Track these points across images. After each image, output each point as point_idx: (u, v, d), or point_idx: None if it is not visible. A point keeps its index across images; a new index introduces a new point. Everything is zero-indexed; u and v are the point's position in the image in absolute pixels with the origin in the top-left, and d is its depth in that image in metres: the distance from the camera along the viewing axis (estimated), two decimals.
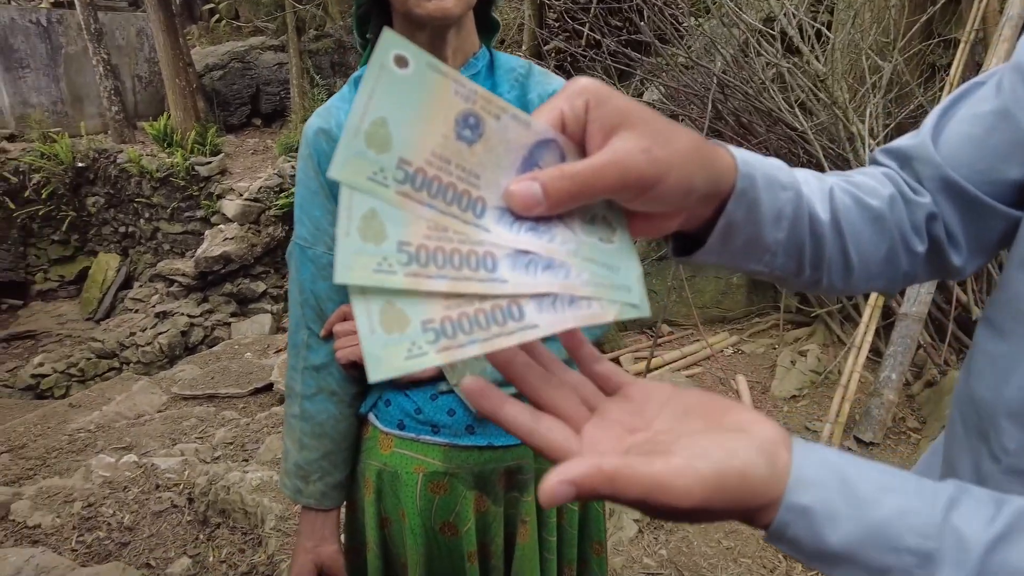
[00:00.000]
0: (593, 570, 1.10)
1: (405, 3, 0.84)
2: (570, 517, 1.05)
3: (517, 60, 0.99)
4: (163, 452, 3.53)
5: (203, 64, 10.13)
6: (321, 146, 0.93)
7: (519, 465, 0.99)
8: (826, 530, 0.37)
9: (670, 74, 3.75)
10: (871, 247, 0.59)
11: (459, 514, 0.97)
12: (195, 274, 7.68)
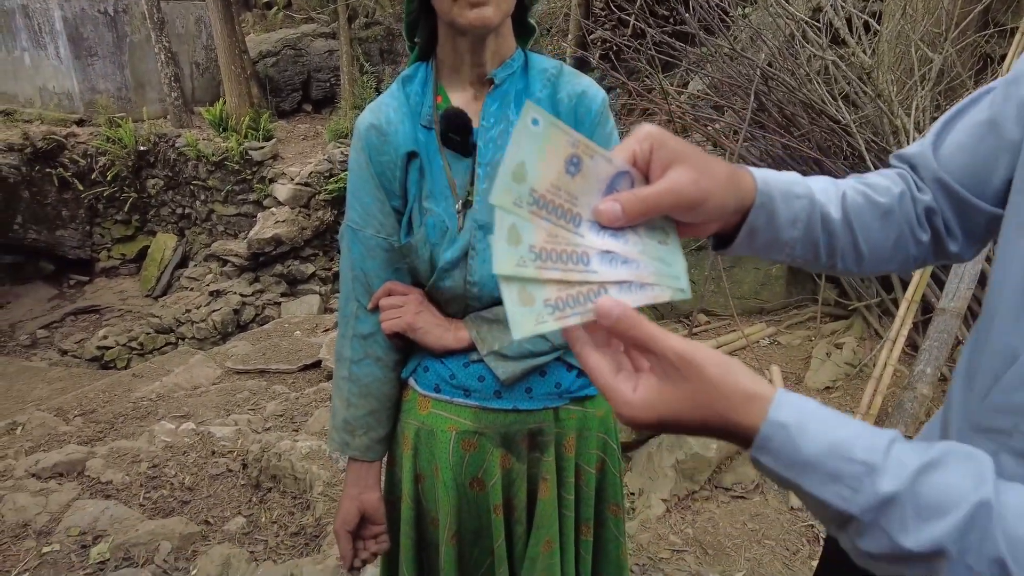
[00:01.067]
0: (611, 529, 1.20)
1: (449, 13, 0.93)
2: (587, 478, 1.14)
3: (550, 61, 1.08)
4: (218, 422, 3.75)
5: (257, 51, 10.45)
6: (372, 140, 1.03)
7: (540, 428, 1.09)
8: (800, 442, 0.46)
9: (715, 65, 3.76)
10: (880, 237, 0.72)
11: (486, 470, 1.07)
12: (248, 255, 7.99)
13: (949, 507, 0.43)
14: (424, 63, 1.07)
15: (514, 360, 1.04)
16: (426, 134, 1.03)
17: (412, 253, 1.04)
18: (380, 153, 1.03)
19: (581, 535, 1.15)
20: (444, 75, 1.05)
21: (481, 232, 1.01)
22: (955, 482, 0.44)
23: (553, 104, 1.03)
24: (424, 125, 1.03)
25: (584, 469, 1.13)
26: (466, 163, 1.02)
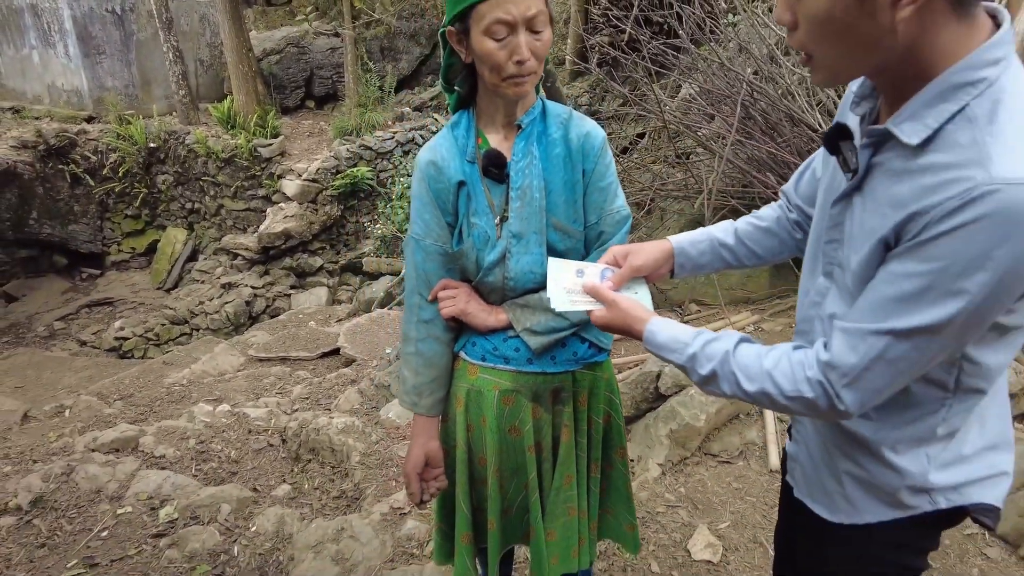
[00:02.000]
0: (619, 468, 1.55)
1: (497, 86, 1.26)
2: (596, 427, 1.49)
3: (562, 108, 1.42)
4: (250, 404, 4.08)
5: (260, 49, 10.68)
6: (431, 173, 1.36)
7: (562, 386, 1.44)
8: (659, 338, 1.04)
9: (705, 73, 4.09)
10: (767, 243, 1.24)
11: (521, 419, 1.41)
12: (258, 248, 8.29)
13: (715, 355, 0.98)
14: (465, 111, 1.40)
15: (542, 335, 1.38)
16: (470, 167, 1.36)
17: (462, 257, 1.38)
18: (437, 182, 1.36)
19: (591, 472, 1.50)
20: (482, 121, 1.39)
21: (515, 240, 1.35)
22: (719, 346, 0.99)
23: (566, 141, 1.37)
24: (469, 160, 1.37)
25: (594, 420, 1.48)
26: (502, 188, 1.36)
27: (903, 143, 0.80)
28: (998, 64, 0.75)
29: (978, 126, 0.74)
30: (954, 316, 0.76)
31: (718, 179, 3.50)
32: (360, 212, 8.98)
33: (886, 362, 0.82)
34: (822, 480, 1.05)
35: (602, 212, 1.39)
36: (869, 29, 0.76)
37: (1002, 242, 0.71)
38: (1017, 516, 2.27)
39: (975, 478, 0.95)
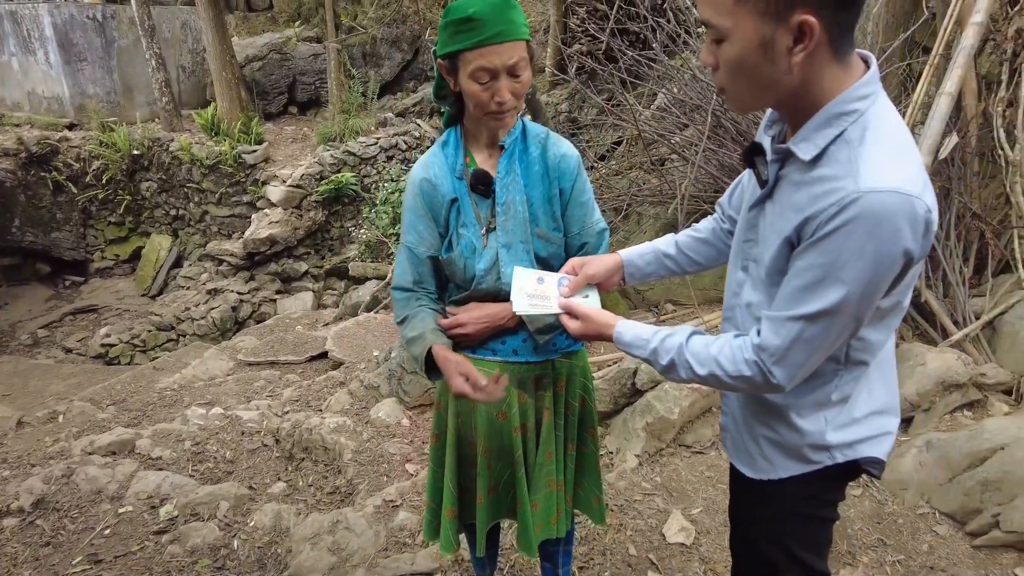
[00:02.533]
0: (590, 446, 1.72)
1: (482, 118, 1.43)
2: (572, 410, 1.66)
3: (539, 128, 1.59)
4: (242, 407, 4.19)
5: (243, 55, 10.74)
6: (426, 188, 1.52)
7: (543, 373, 1.60)
8: (625, 337, 1.23)
9: (678, 83, 4.27)
10: (705, 251, 1.43)
11: (508, 404, 1.57)
12: (243, 254, 8.36)
13: (671, 348, 1.15)
14: (453, 128, 1.57)
15: (546, 333, 1.56)
16: (459, 183, 1.53)
17: (451, 264, 1.54)
18: (431, 198, 1.52)
19: (568, 450, 1.66)
20: (469, 141, 1.56)
21: (505, 249, 1.51)
22: (674, 340, 1.16)
23: (544, 159, 1.55)
24: (458, 177, 1.53)
25: (571, 403, 1.66)
26: (487, 202, 1.53)
27: (800, 159, 1.01)
28: (867, 99, 0.96)
29: (852, 147, 0.95)
30: (846, 298, 0.96)
31: (691, 185, 3.68)
32: (345, 217, 9.08)
33: (803, 341, 1.01)
34: (745, 443, 1.25)
35: (583, 225, 1.58)
36: (771, 71, 0.96)
37: (870, 237, 0.91)
38: (963, 495, 2.46)
39: (865, 437, 1.15)
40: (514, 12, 1.36)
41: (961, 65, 3.19)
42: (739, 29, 0.95)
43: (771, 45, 0.94)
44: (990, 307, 3.21)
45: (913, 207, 0.90)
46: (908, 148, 0.96)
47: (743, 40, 0.95)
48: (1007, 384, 2.90)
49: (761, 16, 0.92)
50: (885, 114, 0.97)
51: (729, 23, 0.95)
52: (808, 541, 1.24)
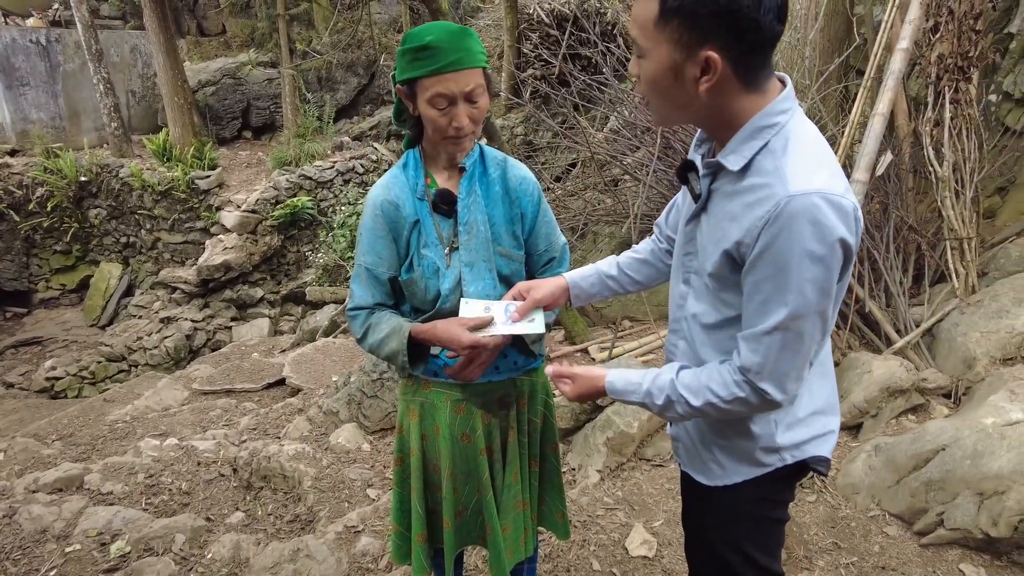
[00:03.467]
0: (552, 462, 1.74)
1: (440, 142, 1.47)
2: (534, 427, 1.68)
3: (498, 153, 1.63)
4: (197, 437, 4.08)
5: (196, 80, 10.61)
6: (387, 209, 1.52)
7: (507, 392, 1.62)
8: (617, 386, 1.26)
9: (629, 107, 4.40)
10: (645, 271, 1.47)
11: (472, 426, 1.58)
12: (197, 281, 8.18)
13: (664, 386, 1.18)
14: (413, 151, 1.58)
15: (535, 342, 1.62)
16: (420, 203, 1.54)
17: (412, 285, 1.54)
18: (393, 220, 1.53)
19: (531, 467, 1.68)
20: (429, 162, 1.58)
21: (468, 268, 1.53)
22: (665, 377, 1.19)
23: (504, 181, 1.58)
24: (419, 198, 1.54)
25: (532, 420, 1.67)
26: (450, 222, 1.54)
27: (730, 170, 1.08)
28: (786, 113, 1.06)
29: (777, 156, 1.03)
30: (805, 299, 1.02)
31: (643, 204, 3.78)
32: (301, 242, 8.98)
33: (781, 351, 1.06)
34: (698, 452, 1.29)
35: (551, 241, 1.65)
36: (681, 94, 1.05)
37: (809, 237, 0.98)
38: (910, 496, 2.56)
39: (811, 436, 1.21)
40: (470, 40, 1.40)
41: (891, 88, 3.37)
42: (656, 51, 1.03)
43: (681, 72, 1.02)
44: (928, 315, 3.36)
45: (841, 203, 0.98)
46: (827, 156, 1.05)
47: (658, 62, 1.04)
48: (946, 388, 3.04)
49: (675, 44, 1.01)
50: (803, 126, 1.06)
51: (648, 44, 1.04)
52: (762, 542, 1.29)
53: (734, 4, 0.95)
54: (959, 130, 3.43)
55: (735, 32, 0.97)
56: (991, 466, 2.39)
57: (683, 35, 0.99)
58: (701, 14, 0.97)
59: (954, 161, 3.49)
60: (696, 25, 0.98)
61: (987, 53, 3.48)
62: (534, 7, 7.05)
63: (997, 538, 2.32)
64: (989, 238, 3.98)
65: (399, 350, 1.48)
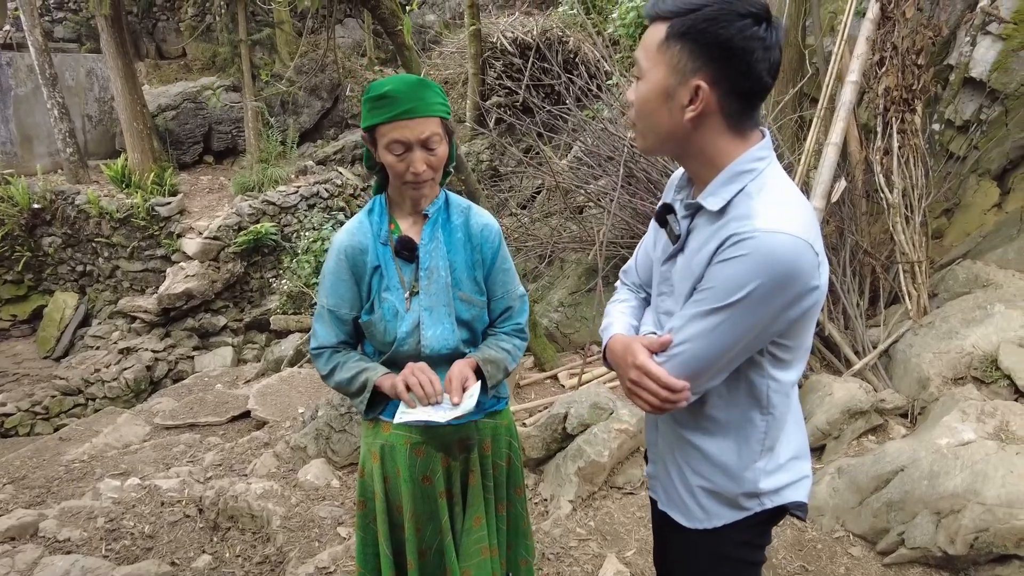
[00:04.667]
0: (517, 506, 1.75)
1: (401, 188, 1.51)
2: (500, 470, 1.69)
3: (463, 200, 1.67)
4: (160, 475, 3.97)
5: (155, 104, 10.44)
6: (350, 253, 1.55)
7: (467, 435, 1.63)
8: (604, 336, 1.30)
9: (592, 135, 4.49)
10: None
11: (432, 469, 1.59)
12: (158, 310, 7.99)
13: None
14: (378, 197, 1.63)
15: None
16: (383, 248, 1.58)
17: (372, 327, 1.57)
18: (355, 264, 1.57)
19: (498, 512, 1.69)
20: (394, 209, 1.62)
21: (427, 312, 1.56)
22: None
23: (466, 227, 1.63)
24: (383, 243, 1.58)
25: (497, 463, 1.68)
26: (411, 267, 1.58)
27: (709, 210, 1.13)
28: (764, 160, 1.13)
29: (752, 198, 1.09)
30: (745, 310, 1.06)
31: (608, 232, 3.84)
32: (264, 268, 8.86)
33: (705, 333, 1.14)
34: (680, 493, 1.30)
35: (507, 290, 1.67)
36: (668, 119, 1.12)
37: (757, 268, 1.03)
38: (872, 517, 2.63)
39: (790, 482, 1.24)
40: (428, 91, 1.47)
41: (844, 118, 3.51)
42: (653, 72, 1.10)
43: (672, 96, 1.09)
44: (884, 337, 3.48)
45: (808, 247, 1.04)
46: (800, 203, 1.11)
47: (653, 83, 1.11)
48: (903, 408, 3.14)
49: (671, 69, 1.08)
50: (779, 174, 1.13)
51: (648, 65, 1.11)
52: None
53: (732, 43, 1.03)
54: (907, 158, 3.58)
55: (728, 68, 1.05)
56: (946, 486, 2.48)
57: (681, 60, 1.07)
58: (702, 42, 1.05)
59: (903, 188, 3.64)
60: (695, 52, 1.05)
61: (929, 86, 3.65)
62: (497, 36, 7.16)
63: (955, 555, 2.40)
64: (938, 259, 4.15)
65: (364, 390, 1.54)
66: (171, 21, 12.29)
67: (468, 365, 1.54)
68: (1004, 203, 4.23)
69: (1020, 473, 2.41)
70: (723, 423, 1.20)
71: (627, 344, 1.21)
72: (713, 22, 1.03)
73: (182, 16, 12.01)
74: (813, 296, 1.07)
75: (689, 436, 1.25)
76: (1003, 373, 2.96)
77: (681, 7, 1.06)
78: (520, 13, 7.95)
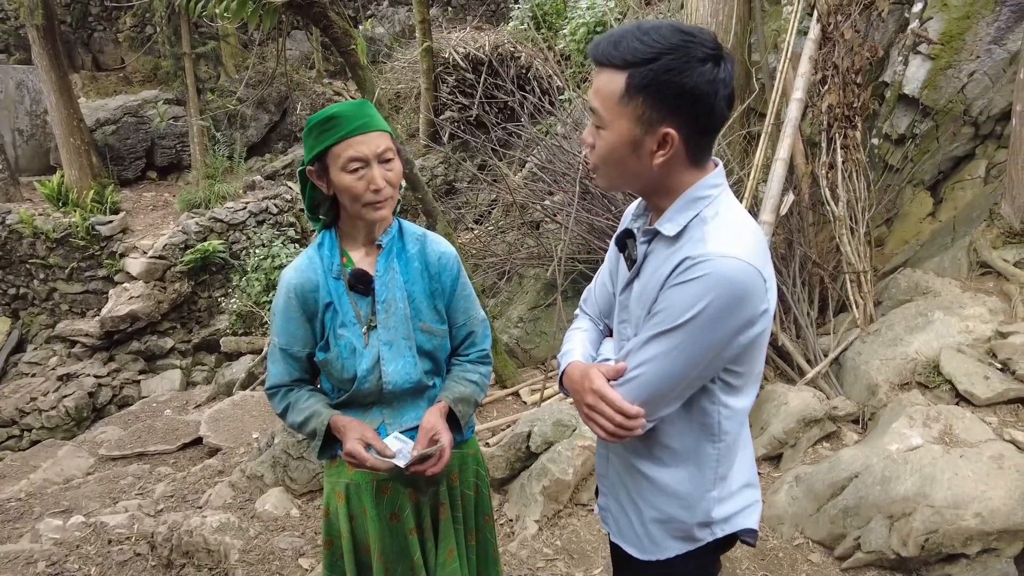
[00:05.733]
0: (486, 534, 1.73)
1: (358, 213, 1.46)
2: (467, 500, 1.67)
3: (416, 227, 1.64)
4: (107, 511, 3.78)
5: (93, 119, 10.04)
6: (300, 291, 1.50)
7: None
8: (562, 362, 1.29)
9: (547, 150, 4.52)
10: None
11: (400, 505, 1.56)
12: (100, 334, 7.66)
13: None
14: (328, 231, 1.57)
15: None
16: (336, 283, 1.53)
17: (328, 365, 1.53)
18: (305, 302, 1.52)
19: (467, 541, 1.67)
20: (345, 241, 1.57)
21: (386, 347, 1.52)
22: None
23: (423, 256, 1.59)
24: (335, 277, 1.53)
25: (465, 493, 1.66)
26: (367, 300, 1.54)
27: (666, 236, 1.15)
28: (718, 187, 1.16)
29: (706, 224, 1.12)
30: (697, 332, 1.07)
31: (566, 248, 3.87)
32: (213, 287, 8.60)
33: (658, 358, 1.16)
34: (632, 525, 1.30)
35: (468, 316, 1.64)
36: (636, 165, 1.13)
37: (707, 289, 1.05)
38: (829, 523, 2.71)
39: (740, 508, 1.26)
40: (372, 109, 1.47)
41: (790, 135, 3.64)
42: (617, 125, 1.10)
43: (639, 145, 1.10)
44: (835, 345, 3.60)
45: (756, 273, 1.06)
46: (752, 229, 1.13)
47: (618, 134, 1.11)
48: (855, 414, 3.25)
49: (636, 120, 1.08)
50: (731, 201, 1.17)
51: (610, 117, 1.10)
52: None
53: (697, 90, 1.04)
54: (850, 172, 3.72)
55: (693, 114, 1.07)
56: (898, 490, 2.57)
57: (645, 112, 1.07)
58: (665, 94, 1.05)
59: (847, 200, 3.78)
60: (659, 103, 1.06)
61: (868, 103, 3.82)
62: (449, 51, 7.16)
63: (907, 557, 2.49)
64: (881, 267, 4.32)
65: (317, 431, 1.51)
66: (109, 32, 11.85)
67: (440, 413, 1.52)
68: (938, 212, 4.44)
69: (964, 475, 2.52)
70: (676, 452, 1.21)
71: (584, 370, 1.21)
72: (675, 72, 1.04)
73: (120, 27, 11.61)
74: (763, 321, 1.10)
75: (642, 467, 1.25)
76: (945, 378, 3.09)
77: (637, 57, 1.05)
78: (471, 28, 7.98)
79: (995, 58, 4.12)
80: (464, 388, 1.59)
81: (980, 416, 2.84)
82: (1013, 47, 4.02)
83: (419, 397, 1.59)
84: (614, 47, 1.08)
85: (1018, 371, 2.97)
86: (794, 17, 3.92)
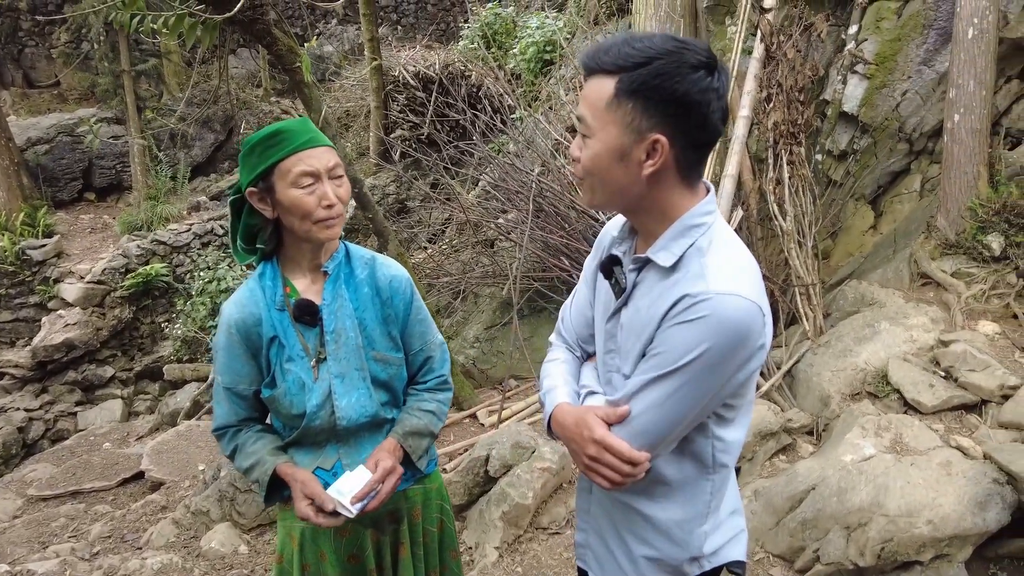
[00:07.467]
0: (453, 570, 1.66)
1: (308, 233, 1.37)
2: (431, 536, 1.59)
3: (365, 251, 1.56)
4: (36, 557, 3.54)
5: (24, 137, 9.60)
6: (241, 327, 1.42)
7: (396, 507, 1.53)
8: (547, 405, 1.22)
9: (500, 168, 4.50)
10: None
11: (360, 546, 1.48)
12: (32, 364, 7.26)
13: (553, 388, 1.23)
14: (268, 262, 1.48)
15: (426, 457, 1.54)
16: (280, 315, 1.44)
17: (275, 402, 1.44)
18: (248, 338, 1.43)
19: None
20: (288, 269, 1.48)
21: (338, 380, 1.44)
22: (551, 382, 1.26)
23: (373, 280, 1.51)
24: (279, 309, 1.44)
25: (428, 530, 1.59)
26: (315, 331, 1.44)
27: (659, 265, 1.10)
28: (711, 214, 1.11)
29: (703, 254, 1.07)
30: (696, 373, 1.03)
31: (520, 265, 3.84)
32: (156, 312, 8.26)
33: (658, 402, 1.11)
34: (618, 563, 1.23)
35: (425, 341, 1.56)
36: (623, 176, 1.07)
37: (710, 331, 1.00)
38: (788, 536, 2.72)
39: (727, 540, 1.21)
40: (314, 127, 1.42)
41: (737, 152, 3.71)
42: (604, 132, 1.05)
43: (627, 154, 1.05)
44: (787, 357, 3.65)
45: (758, 311, 1.03)
46: (749, 261, 1.09)
47: (605, 143, 1.06)
48: (808, 426, 3.29)
49: (625, 127, 1.03)
50: (725, 228, 1.13)
51: (597, 125, 1.06)
52: None
53: (689, 97, 1.00)
54: (796, 187, 3.82)
55: (685, 122, 1.02)
56: (853, 501, 2.60)
57: (635, 118, 1.02)
58: (656, 99, 1.01)
59: (795, 214, 3.87)
60: (649, 109, 1.01)
61: (811, 120, 3.93)
62: (399, 69, 7.11)
63: (865, 567, 2.51)
64: (828, 279, 4.44)
65: (261, 481, 1.43)
66: (41, 47, 11.38)
67: (390, 453, 1.44)
68: (879, 224, 4.59)
69: (916, 483, 2.56)
70: (669, 487, 1.15)
71: (580, 417, 1.13)
72: (666, 77, 1.00)
73: (54, 43, 11.17)
74: (760, 356, 1.06)
75: (632, 502, 1.19)
76: (893, 387, 3.16)
77: (627, 62, 1.02)
78: (421, 47, 7.96)
79: (925, 78, 4.31)
80: (417, 420, 1.52)
81: (927, 424, 2.91)
82: (941, 68, 4.21)
83: (377, 432, 1.50)
84: (604, 53, 1.04)
85: (960, 378, 3.06)
86: (739, 37, 4.02)
